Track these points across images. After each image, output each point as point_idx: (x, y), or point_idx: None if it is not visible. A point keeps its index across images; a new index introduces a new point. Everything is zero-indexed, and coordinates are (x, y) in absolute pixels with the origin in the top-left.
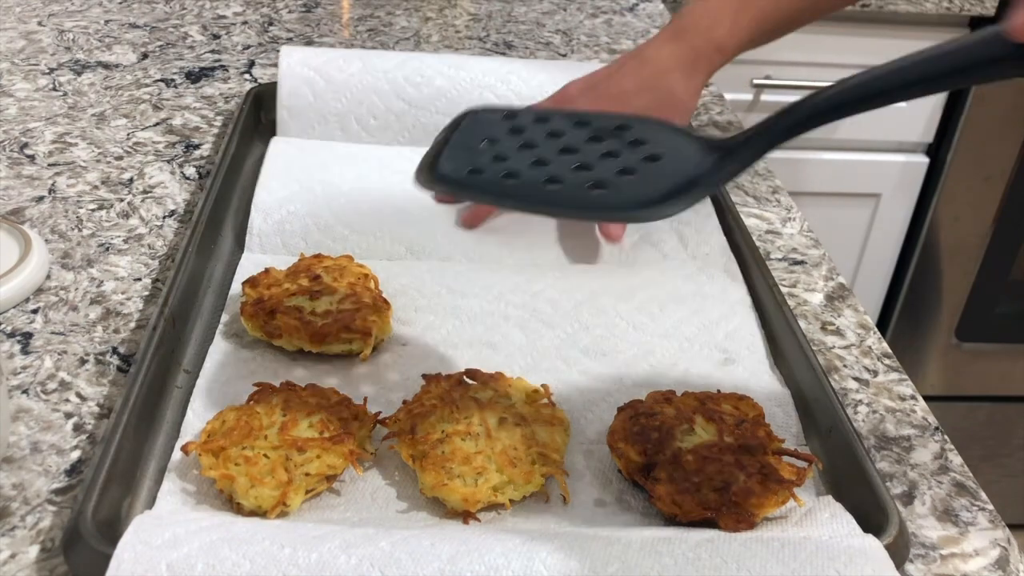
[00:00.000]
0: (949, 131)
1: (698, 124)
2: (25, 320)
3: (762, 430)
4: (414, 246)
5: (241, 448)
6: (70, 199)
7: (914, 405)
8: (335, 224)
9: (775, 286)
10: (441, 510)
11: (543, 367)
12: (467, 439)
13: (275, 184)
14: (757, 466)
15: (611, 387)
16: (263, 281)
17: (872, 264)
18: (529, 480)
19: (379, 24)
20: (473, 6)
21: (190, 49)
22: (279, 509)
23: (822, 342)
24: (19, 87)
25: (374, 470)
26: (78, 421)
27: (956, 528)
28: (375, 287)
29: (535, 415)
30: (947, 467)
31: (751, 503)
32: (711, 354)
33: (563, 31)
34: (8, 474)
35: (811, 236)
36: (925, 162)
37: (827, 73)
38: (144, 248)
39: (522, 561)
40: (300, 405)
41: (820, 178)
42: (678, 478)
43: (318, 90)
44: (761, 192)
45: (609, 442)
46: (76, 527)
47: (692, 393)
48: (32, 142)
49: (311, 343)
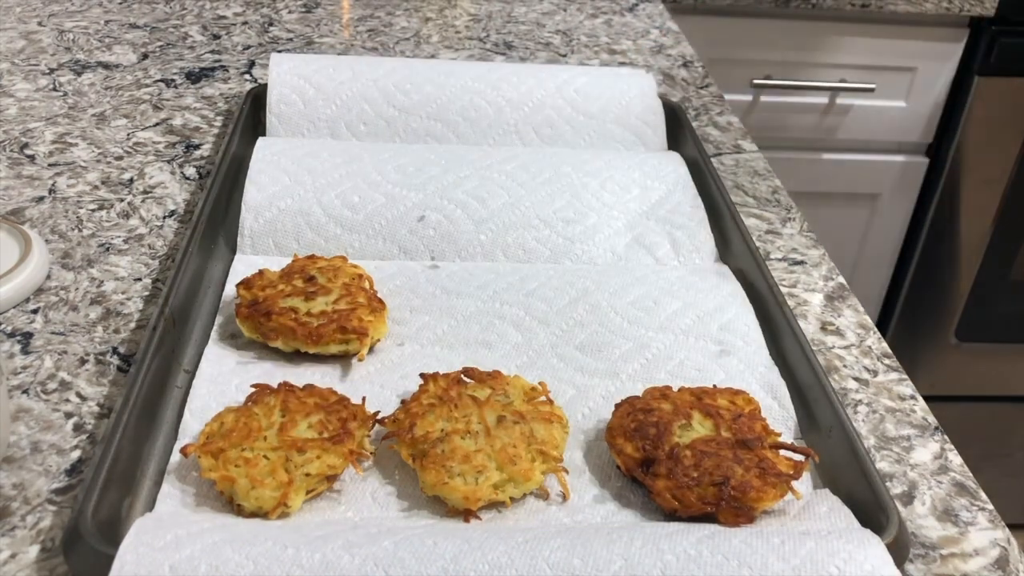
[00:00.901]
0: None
1: (698, 125)
2: (25, 320)
3: (759, 424)
4: (408, 246)
5: (240, 450)
6: (70, 199)
7: (914, 405)
8: (327, 223)
9: (775, 286)
10: (442, 509)
11: (539, 364)
12: (466, 437)
13: (264, 182)
14: (755, 460)
15: (608, 382)
16: (257, 283)
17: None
18: (529, 478)
19: (379, 24)
20: (473, 6)
21: (190, 49)
22: (280, 510)
23: (822, 342)
24: (19, 87)
25: (374, 470)
26: (78, 421)
27: (956, 528)
28: (370, 287)
29: (533, 413)
30: (947, 467)
31: (750, 497)
32: (706, 346)
33: (563, 31)
34: (8, 474)
35: (811, 236)
36: (925, 162)
37: (827, 73)
38: (144, 248)
39: (526, 560)
40: (298, 406)
41: (820, 178)
42: (677, 473)
43: (308, 97)
44: (761, 192)
45: (607, 439)
46: (76, 527)
47: (689, 388)
48: (32, 142)
49: (307, 344)
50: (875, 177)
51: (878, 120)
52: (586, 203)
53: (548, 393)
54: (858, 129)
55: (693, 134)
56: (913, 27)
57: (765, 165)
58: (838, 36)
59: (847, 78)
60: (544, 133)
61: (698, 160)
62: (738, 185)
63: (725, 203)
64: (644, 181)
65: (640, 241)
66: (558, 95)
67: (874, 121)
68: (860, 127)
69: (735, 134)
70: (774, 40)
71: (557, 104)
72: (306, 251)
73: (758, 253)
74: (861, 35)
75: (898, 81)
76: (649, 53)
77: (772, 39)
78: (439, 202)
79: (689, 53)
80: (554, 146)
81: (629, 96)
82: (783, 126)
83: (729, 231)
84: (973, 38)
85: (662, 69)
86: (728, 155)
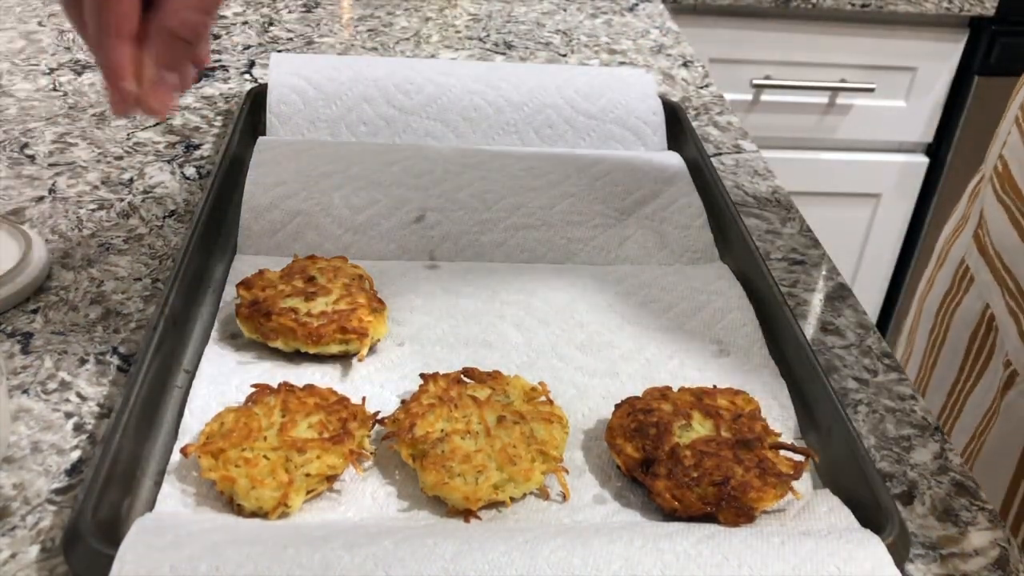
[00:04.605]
0: (949, 131)
1: (698, 125)
2: (25, 320)
3: (759, 424)
4: (408, 246)
5: (240, 450)
6: (70, 199)
7: (914, 405)
8: (328, 223)
9: (775, 286)
10: (442, 509)
11: (539, 364)
12: (466, 438)
13: (264, 182)
14: (755, 460)
15: (608, 382)
16: (257, 283)
17: (872, 264)
18: (529, 478)
19: (379, 24)
20: (473, 6)
21: None
22: (280, 510)
23: (822, 342)
24: (19, 87)
25: (374, 470)
26: (78, 421)
27: (956, 528)
28: (370, 287)
29: (533, 413)
30: (947, 467)
31: (750, 497)
32: (706, 346)
33: (563, 31)
34: (8, 474)
35: (811, 236)
36: (925, 162)
37: (827, 73)
38: (144, 248)
39: (525, 560)
40: (298, 406)
41: (820, 178)
42: (677, 473)
43: (308, 98)
44: (761, 192)
45: (607, 439)
46: (76, 527)
47: (689, 388)
48: (32, 142)
49: (307, 344)
50: (875, 177)
51: (878, 120)
52: (587, 203)
53: (548, 393)
54: (858, 129)
55: (693, 134)
56: (913, 27)
57: (765, 165)
58: (838, 36)
59: (847, 78)
60: (544, 133)
61: (698, 160)
62: (738, 185)
63: (725, 203)
64: (644, 181)
65: (640, 241)
66: (558, 95)
67: (874, 121)
68: (860, 127)
69: (735, 134)
70: (774, 40)
71: (557, 104)
72: (306, 251)
73: (758, 253)
74: (861, 35)
75: (898, 81)
76: (649, 53)
77: (772, 39)
78: (439, 202)
79: (689, 53)
80: (554, 146)
81: (629, 96)
82: (783, 126)
83: (729, 231)
84: (973, 38)
85: (662, 69)
86: (728, 155)
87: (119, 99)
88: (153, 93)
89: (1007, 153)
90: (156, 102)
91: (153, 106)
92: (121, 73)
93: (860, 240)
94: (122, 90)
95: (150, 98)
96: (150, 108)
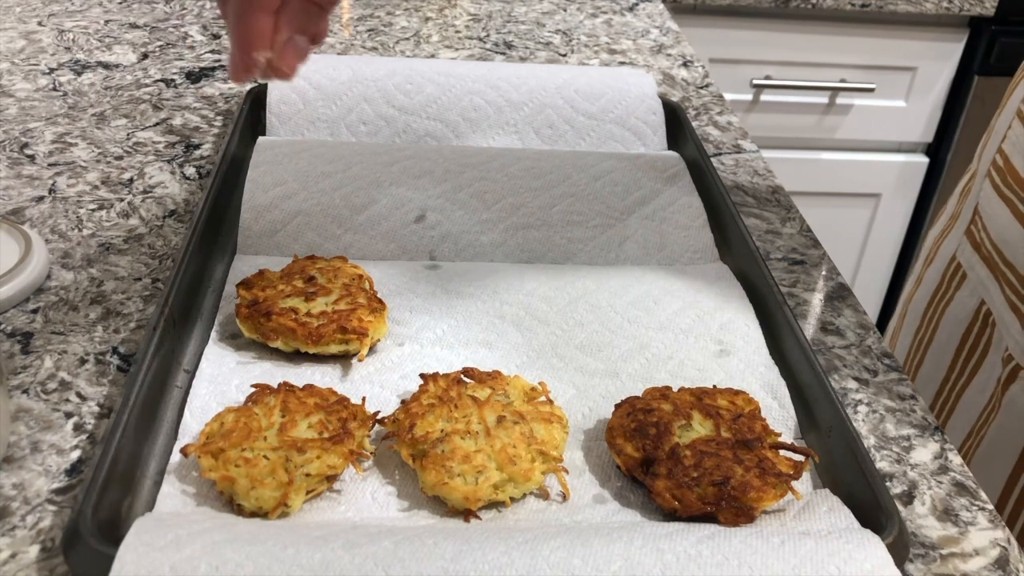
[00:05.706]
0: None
1: (698, 125)
2: (25, 320)
3: (759, 424)
4: (408, 246)
5: (240, 450)
6: (70, 199)
7: (914, 405)
8: (328, 223)
9: (775, 286)
10: (442, 509)
11: (539, 364)
12: (466, 438)
13: (264, 182)
14: (755, 460)
15: (608, 382)
16: (257, 283)
17: (872, 264)
18: (529, 478)
19: (379, 24)
20: (473, 6)
21: (190, 49)
22: (280, 510)
23: (822, 342)
24: (19, 87)
25: (374, 470)
26: (78, 421)
27: (956, 528)
28: (370, 288)
29: (533, 413)
30: (947, 467)
31: (750, 497)
32: (706, 346)
33: (563, 31)
34: (8, 474)
35: (811, 236)
36: (925, 162)
37: (827, 73)
38: (144, 248)
39: (525, 560)
40: (298, 406)
41: (820, 178)
42: (677, 473)
43: (308, 97)
44: (761, 192)
45: (607, 439)
46: (76, 527)
47: (689, 388)
48: (32, 142)
49: (307, 344)
50: (875, 177)
51: (878, 120)
52: (587, 203)
53: (548, 393)
54: (858, 129)
55: (693, 134)
56: (913, 27)
57: (765, 165)
58: (838, 36)
59: (847, 78)
60: (544, 133)
61: (698, 160)
62: (738, 185)
63: (725, 203)
64: (644, 181)
65: (640, 241)
66: (558, 95)
67: (874, 121)
68: (860, 127)
69: (735, 134)
70: (774, 40)
71: (557, 104)
72: (306, 251)
73: (758, 253)
74: (861, 35)
75: (898, 81)
76: (649, 53)
77: (772, 39)
78: (439, 202)
79: (689, 53)
80: (554, 146)
81: (629, 96)
82: (783, 126)
83: (729, 231)
84: (973, 38)
85: (662, 69)
86: (728, 155)
87: (245, 66)
88: (284, 57)
89: (1008, 147)
90: (287, 65)
91: (284, 70)
92: (259, 42)
93: (860, 240)
94: (254, 58)
95: (282, 62)
96: (281, 72)
